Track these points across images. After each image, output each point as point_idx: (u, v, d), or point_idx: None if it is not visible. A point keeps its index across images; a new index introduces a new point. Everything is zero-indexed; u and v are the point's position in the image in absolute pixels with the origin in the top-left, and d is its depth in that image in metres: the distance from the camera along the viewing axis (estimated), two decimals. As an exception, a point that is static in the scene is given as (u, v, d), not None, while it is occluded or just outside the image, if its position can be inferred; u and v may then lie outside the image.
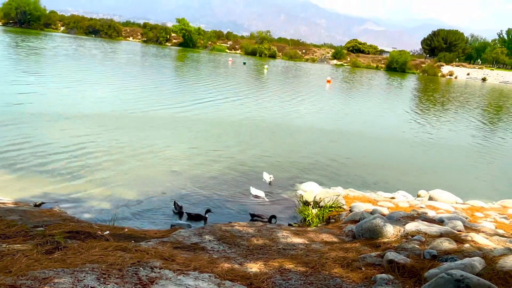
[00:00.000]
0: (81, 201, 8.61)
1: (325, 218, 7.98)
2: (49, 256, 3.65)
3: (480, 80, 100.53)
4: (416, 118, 28.17)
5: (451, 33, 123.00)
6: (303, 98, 31.84)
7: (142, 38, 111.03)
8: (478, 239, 4.89)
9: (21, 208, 7.10)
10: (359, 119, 24.63)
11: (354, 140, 18.23)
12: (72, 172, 10.28)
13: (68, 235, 4.78)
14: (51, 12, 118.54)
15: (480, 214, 8.28)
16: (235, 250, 4.96)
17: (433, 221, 6.20)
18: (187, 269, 3.66)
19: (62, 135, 13.41)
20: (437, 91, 56.78)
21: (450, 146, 19.30)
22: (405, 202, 8.86)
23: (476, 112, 35.48)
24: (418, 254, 4.45)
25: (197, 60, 65.80)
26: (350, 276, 3.91)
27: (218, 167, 12.11)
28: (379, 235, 5.39)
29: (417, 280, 3.70)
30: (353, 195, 9.40)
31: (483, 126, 27.13)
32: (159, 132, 15.48)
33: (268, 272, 3.96)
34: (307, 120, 22.22)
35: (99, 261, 3.52)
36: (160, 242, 5.06)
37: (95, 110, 17.95)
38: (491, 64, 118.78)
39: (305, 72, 66.62)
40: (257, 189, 10.17)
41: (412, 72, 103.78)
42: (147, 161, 11.87)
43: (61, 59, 39.29)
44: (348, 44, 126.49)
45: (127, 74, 34.04)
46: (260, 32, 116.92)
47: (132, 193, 9.41)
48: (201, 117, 19.40)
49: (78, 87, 23.71)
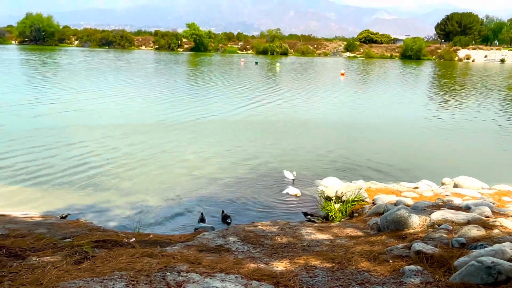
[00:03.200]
0: (105, 211, 8.77)
1: (348, 212, 7.91)
2: (78, 266, 3.72)
3: (498, 61, 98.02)
4: (435, 104, 27.67)
5: (465, 16, 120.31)
6: (318, 93, 31.65)
7: (154, 46, 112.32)
8: (507, 224, 4.77)
9: (48, 221, 7.27)
10: (376, 110, 24.33)
11: (372, 132, 18.02)
12: (95, 182, 10.49)
13: (95, 244, 4.86)
14: (64, 27, 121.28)
15: (508, 198, 8.07)
16: (259, 250, 4.96)
17: (459, 209, 6.08)
18: (213, 271, 3.68)
19: (81, 146, 13.68)
20: (455, 76, 55.61)
21: (472, 130, 18.88)
22: (429, 191, 8.70)
23: (496, 94, 34.60)
24: (446, 243, 4.37)
25: (210, 63, 66.13)
26: (378, 270, 3.86)
27: (237, 168, 12.15)
28: (405, 226, 5.32)
29: (446, 270, 3.63)
30: (375, 188, 9.28)
31: (504, 108, 26.42)
32: (178, 137, 15.63)
33: (294, 270, 3.94)
34: (322, 115, 22.07)
35: (127, 268, 3.57)
36: (185, 246, 5.11)
37: (115, 121, 18.26)
38: (508, 44, 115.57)
39: (318, 67, 66.18)
40: (293, 187, 10.27)
41: (427, 59, 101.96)
42: (167, 167, 12.00)
43: (95, 73, 40.29)
44: (360, 35, 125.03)
45: (157, 84, 34.09)
46: (270, 31, 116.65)
47: (154, 199, 9.53)
48: (215, 119, 19.53)
49: (110, 99, 24.19)
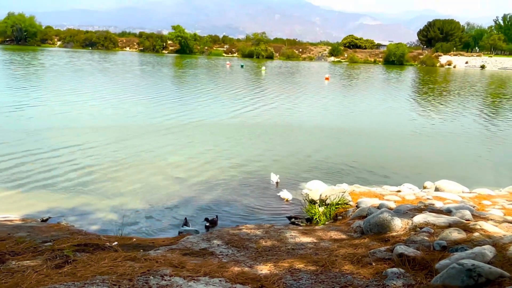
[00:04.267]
0: (87, 214, 8.63)
1: (332, 215, 7.96)
2: (59, 270, 3.65)
3: (479, 67, 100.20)
4: (417, 109, 28.11)
5: (446, 22, 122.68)
6: (303, 97, 31.82)
7: (138, 48, 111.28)
8: (487, 227, 4.87)
9: (29, 224, 7.13)
10: (359, 115, 24.60)
11: (356, 136, 18.20)
12: (77, 185, 10.31)
13: (76, 248, 4.78)
14: (47, 28, 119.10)
15: (488, 202, 8.24)
16: (244, 253, 4.95)
17: (440, 212, 6.18)
18: (197, 275, 3.66)
19: (64, 148, 13.45)
20: (436, 81, 56.62)
21: (452, 135, 19.23)
22: (411, 194, 8.83)
23: (476, 100, 35.37)
24: (427, 246, 4.43)
25: (196, 65, 65.86)
26: (361, 272, 3.90)
27: (222, 171, 12.12)
28: (388, 229, 5.38)
29: (428, 272, 3.68)
30: (359, 191, 9.37)
31: (484, 114, 27.00)
32: (162, 140, 15.50)
33: (278, 273, 3.95)
34: (307, 118, 22.20)
35: (109, 272, 3.52)
36: (169, 249, 5.07)
37: (98, 123, 18.02)
38: (489, 51, 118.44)
39: (303, 71, 66.56)
40: (287, 192, 10.16)
41: (410, 64, 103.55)
42: (152, 170, 11.88)
43: (80, 75, 39.55)
44: (345, 40, 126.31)
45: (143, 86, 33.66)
46: (255, 34, 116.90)
47: (138, 202, 9.42)
48: (200, 122, 19.43)
49: (84, 100, 23.84)
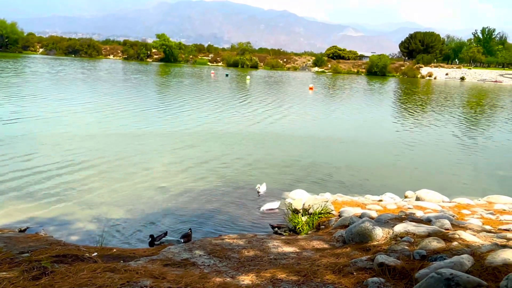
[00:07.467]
0: (67, 224, 8.46)
1: (315, 225, 7.98)
2: (36, 282, 3.57)
3: (458, 79, 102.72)
4: (398, 120, 28.56)
5: (427, 35, 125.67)
6: (287, 106, 32.02)
7: (123, 56, 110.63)
8: (465, 236, 4.94)
9: (6, 235, 6.94)
10: (342, 125, 24.87)
11: (339, 146, 18.37)
12: (56, 194, 10.12)
13: (55, 259, 4.67)
14: (29, 34, 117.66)
15: (467, 211, 8.38)
16: (226, 264, 4.91)
17: (421, 221, 6.25)
18: (178, 286, 3.61)
19: (43, 157, 13.21)
20: (417, 92, 57.72)
21: (433, 145, 19.58)
22: (392, 204, 8.93)
23: (456, 111, 36.18)
24: (407, 255, 4.47)
25: (180, 74, 65.74)
26: (342, 282, 3.91)
27: (205, 181, 12.06)
28: (369, 238, 5.42)
29: (408, 281, 3.72)
30: (342, 200, 9.43)
31: (463, 124, 27.64)
32: (144, 150, 15.36)
33: (260, 283, 3.93)
34: (291, 128, 22.32)
35: (88, 284, 3.45)
36: (149, 260, 4.99)
37: (78, 132, 17.76)
38: (468, 63, 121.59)
39: (287, 81, 67.09)
40: (270, 202, 10.12)
41: (392, 75, 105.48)
42: (133, 179, 11.75)
43: (62, 82, 38.98)
44: (328, 51, 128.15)
45: (124, 94, 33.64)
46: (240, 44, 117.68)
47: (119, 212, 9.29)
48: (184, 131, 19.34)
49: (63, 109, 23.49)
